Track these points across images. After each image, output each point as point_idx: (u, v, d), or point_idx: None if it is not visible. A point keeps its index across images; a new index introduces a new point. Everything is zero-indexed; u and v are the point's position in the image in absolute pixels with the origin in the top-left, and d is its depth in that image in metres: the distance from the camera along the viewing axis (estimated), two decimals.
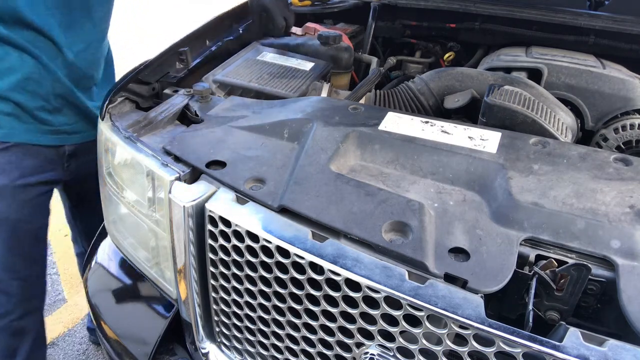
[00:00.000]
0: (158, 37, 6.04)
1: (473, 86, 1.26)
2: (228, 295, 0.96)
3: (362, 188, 0.85)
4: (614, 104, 1.24)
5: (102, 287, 1.29)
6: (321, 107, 1.08)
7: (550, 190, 0.81)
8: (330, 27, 1.86)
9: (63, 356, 2.11)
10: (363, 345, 0.79)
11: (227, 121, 1.09)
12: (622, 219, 0.75)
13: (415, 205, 0.80)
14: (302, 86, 1.30)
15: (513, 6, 1.58)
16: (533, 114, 1.08)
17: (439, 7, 1.69)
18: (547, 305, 0.75)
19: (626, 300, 0.66)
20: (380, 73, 1.44)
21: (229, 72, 1.37)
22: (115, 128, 1.08)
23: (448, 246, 0.74)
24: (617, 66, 1.36)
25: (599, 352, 0.61)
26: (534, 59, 1.36)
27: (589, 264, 0.70)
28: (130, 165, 1.07)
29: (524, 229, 0.76)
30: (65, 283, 2.46)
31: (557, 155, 0.90)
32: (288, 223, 0.83)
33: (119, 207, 1.17)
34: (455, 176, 0.88)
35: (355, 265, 0.74)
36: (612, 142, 1.23)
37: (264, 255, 0.83)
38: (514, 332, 0.64)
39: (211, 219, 0.89)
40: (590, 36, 1.47)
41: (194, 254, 0.95)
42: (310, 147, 0.95)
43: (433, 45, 1.83)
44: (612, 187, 0.81)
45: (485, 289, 0.68)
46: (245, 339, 1.00)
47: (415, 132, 0.99)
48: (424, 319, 0.70)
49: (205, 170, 0.94)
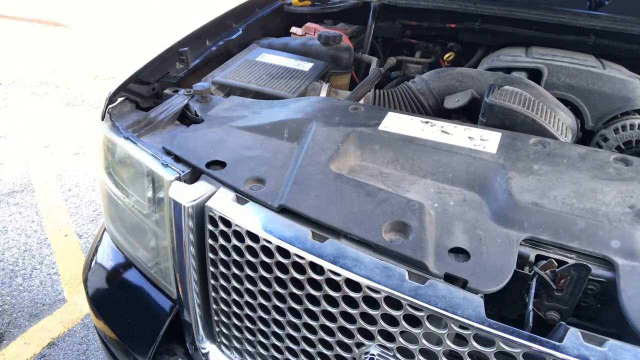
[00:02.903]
0: (158, 38, 6.05)
1: (473, 86, 1.26)
2: (228, 296, 0.96)
3: (362, 188, 0.85)
4: (614, 104, 1.24)
5: (102, 287, 1.29)
6: (321, 107, 1.08)
7: (550, 191, 0.81)
8: (330, 27, 1.87)
9: (63, 356, 2.11)
10: (363, 345, 0.79)
11: (227, 121, 1.09)
12: (622, 219, 0.75)
13: (415, 205, 0.80)
14: (301, 86, 1.31)
15: (513, 6, 1.58)
16: (533, 114, 1.08)
17: (439, 7, 1.69)
18: (547, 305, 0.75)
19: (626, 300, 0.66)
20: (380, 73, 1.44)
21: (228, 73, 1.37)
22: (115, 128, 1.08)
23: (448, 246, 0.74)
24: (617, 66, 1.36)
25: (599, 352, 0.61)
26: (534, 59, 1.36)
27: (589, 264, 0.70)
28: (130, 165, 1.07)
29: (524, 229, 0.76)
30: (65, 283, 2.47)
31: (557, 156, 0.90)
32: (288, 223, 0.83)
33: (119, 207, 1.17)
34: (455, 176, 0.88)
35: (356, 265, 0.74)
36: (612, 142, 1.23)
37: (264, 256, 0.83)
38: (514, 332, 0.64)
39: (211, 219, 0.89)
40: (590, 36, 1.47)
41: (194, 254, 0.95)
42: (310, 147, 0.95)
43: (433, 45, 1.83)
44: (612, 187, 0.81)
45: (485, 289, 0.68)
46: (246, 339, 1.00)
47: (415, 132, 0.98)
48: (424, 319, 0.70)
49: (205, 170, 0.94)
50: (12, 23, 7.22)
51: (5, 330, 2.21)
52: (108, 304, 1.26)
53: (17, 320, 2.26)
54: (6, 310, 2.30)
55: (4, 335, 2.18)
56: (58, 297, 2.39)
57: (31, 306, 2.34)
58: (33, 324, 2.24)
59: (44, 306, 2.34)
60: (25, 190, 3.19)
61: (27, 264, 2.59)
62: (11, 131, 3.97)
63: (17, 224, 2.89)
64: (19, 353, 2.10)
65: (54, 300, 2.37)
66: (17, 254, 2.65)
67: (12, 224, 2.89)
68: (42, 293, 2.42)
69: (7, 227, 2.85)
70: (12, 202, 3.07)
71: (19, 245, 2.72)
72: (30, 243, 2.74)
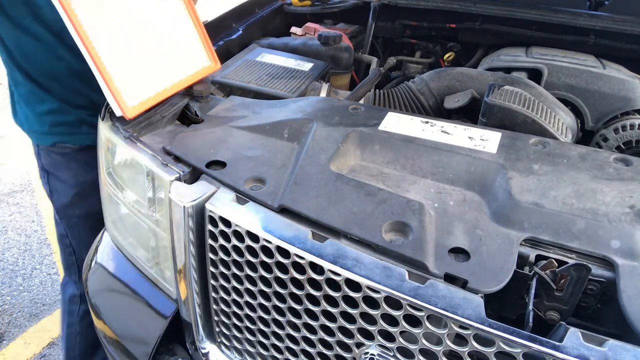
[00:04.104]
0: None
1: (473, 86, 1.26)
2: (228, 295, 0.96)
3: (362, 188, 0.85)
4: (614, 104, 1.24)
5: (102, 287, 1.29)
6: (321, 107, 1.08)
7: (550, 191, 0.81)
8: (330, 27, 1.87)
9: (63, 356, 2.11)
10: (363, 345, 0.79)
11: (227, 121, 1.09)
12: (622, 219, 0.75)
13: (415, 205, 0.80)
14: (301, 86, 1.31)
15: (513, 6, 1.58)
16: (533, 114, 1.08)
17: (439, 7, 1.69)
18: (547, 305, 0.75)
19: (626, 300, 0.66)
20: (380, 73, 1.44)
21: (228, 73, 1.37)
22: (115, 128, 1.08)
23: (448, 246, 0.74)
24: (617, 66, 1.36)
25: (599, 352, 0.61)
26: (534, 59, 1.36)
27: (589, 264, 0.70)
28: (130, 165, 1.07)
29: (524, 229, 0.76)
30: None
31: (557, 156, 0.90)
32: (288, 223, 0.83)
33: (119, 207, 1.17)
34: (455, 176, 0.88)
35: (356, 266, 0.74)
36: (612, 142, 1.23)
37: (264, 256, 0.83)
38: (514, 332, 0.64)
39: (211, 219, 0.89)
40: (590, 36, 1.47)
41: (194, 254, 0.95)
42: (310, 147, 0.95)
43: (433, 45, 1.83)
44: (612, 187, 0.81)
45: (485, 289, 0.68)
46: (245, 339, 1.00)
47: (415, 132, 0.99)
48: (424, 319, 0.70)
49: (205, 170, 0.94)
50: None
51: (5, 330, 2.21)
52: (108, 303, 1.26)
53: (17, 320, 2.26)
54: (6, 310, 2.31)
55: (4, 335, 2.18)
56: (58, 297, 2.39)
57: (31, 306, 2.34)
58: (33, 324, 2.24)
59: (44, 306, 2.34)
60: (25, 190, 3.19)
61: (27, 264, 2.59)
62: (11, 131, 3.97)
63: (17, 224, 2.89)
64: (19, 353, 2.10)
65: (54, 300, 2.37)
66: (17, 254, 2.66)
67: (12, 224, 2.89)
68: (42, 293, 2.42)
69: (7, 227, 2.85)
70: (12, 202, 3.07)
71: (19, 245, 2.72)
72: (30, 243, 2.74)
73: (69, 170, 1.47)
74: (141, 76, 1.06)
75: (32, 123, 1.42)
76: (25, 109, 1.42)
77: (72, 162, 1.47)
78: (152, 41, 1.09)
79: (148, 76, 1.08)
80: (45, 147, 1.45)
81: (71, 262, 1.62)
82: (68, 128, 1.43)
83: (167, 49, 1.12)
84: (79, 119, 1.43)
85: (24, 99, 1.40)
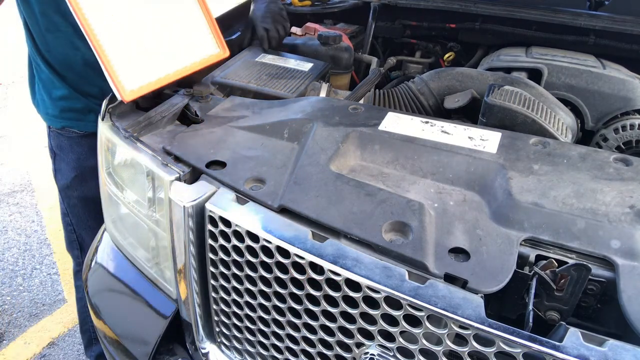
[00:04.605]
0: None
1: (473, 86, 1.26)
2: (228, 296, 0.96)
3: (362, 188, 0.85)
4: (614, 104, 1.24)
5: (102, 287, 1.29)
6: (321, 107, 1.08)
7: (550, 191, 0.81)
8: (330, 27, 1.87)
9: (63, 356, 2.11)
10: (363, 345, 0.79)
11: (227, 121, 1.09)
12: (622, 219, 0.75)
13: (415, 205, 0.80)
14: (301, 87, 1.31)
15: (513, 6, 1.58)
16: (533, 114, 1.08)
17: (439, 7, 1.69)
18: (547, 305, 0.75)
19: (626, 300, 0.66)
20: (380, 73, 1.44)
21: (228, 73, 1.37)
22: (115, 128, 1.08)
23: (448, 246, 0.74)
24: (617, 66, 1.36)
25: (599, 352, 0.61)
26: (534, 59, 1.36)
27: (589, 264, 0.70)
28: (130, 165, 1.07)
29: (524, 229, 0.76)
30: (65, 283, 2.47)
31: (557, 156, 0.90)
32: (288, 223, 0.83)
33: (119, 207, 1.17)
34: (455, 176, 0.88)
35: (356, 266, 0.74)
36: (612, 142, 1.23)
37: (264, 256, 0.83)
38: (514, 332, 0.64)
39: (211, 219, 0.89)
40: (590, 36, 1.47)
41: (194, 254, 0.95)
42: (310, 147, 0.95)
43: (433, 45, 1.83)
44: (612, 187, 0.81)
45: (485, 289, 0.68)
46: (245, 339, 1.00)
47: (415, 132, 0.99)
48: (424, 319, 0.70)
49: (205, 170, 0.94)
50: (12, 23, 7.21)
51: (5, 330, 2.21)
52: (108, 303, 1.26)
53: (17, 320, 2.26)
54: (6, 310, 2.31)
55: (4, 335, 2.18)
56: (58, 297, 2.39)
57: (31, 306, 2.34)
58: (33, 324, 2.24)
59: (44, 306, 2.34)
60: (25, 190, 3.19)
61: (27, 264, 2.59)
62: (11, 131, 3.98)
63: (17, 224, 2.89)
64: (19, 353, 2.10)
65: (54, 300, 2.37)
66: (17, 254, 2.66)
67: (12, 224, 2.89)
68: (42, 293, 2.42)
69: (7, 227, 2.85)
70: (12, 202, 3.07)
71: (19, 245, 2.72)
72: (30, 243, 2.74)
73: (73, 154, 1.57)
74: (143, 60, 1.05)
75: (47, 106, 1.53)
76: (42, 93, 1.53)
77: (77, 147, 1.56)
78: (157, 26, 1.08)
79: (151, 61, 1.07)
80: (55, 129, 1.56)
81: (73, 239, 1.74)
82: (76, 114, 1.52)
83: (173, 35, 1.11)
84: (87, 107, 1.52)
85: (42, 83, 1.51)
